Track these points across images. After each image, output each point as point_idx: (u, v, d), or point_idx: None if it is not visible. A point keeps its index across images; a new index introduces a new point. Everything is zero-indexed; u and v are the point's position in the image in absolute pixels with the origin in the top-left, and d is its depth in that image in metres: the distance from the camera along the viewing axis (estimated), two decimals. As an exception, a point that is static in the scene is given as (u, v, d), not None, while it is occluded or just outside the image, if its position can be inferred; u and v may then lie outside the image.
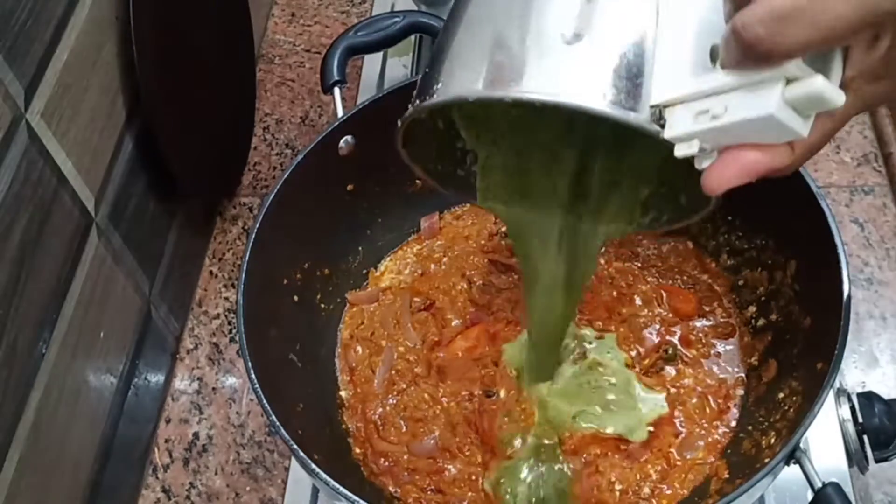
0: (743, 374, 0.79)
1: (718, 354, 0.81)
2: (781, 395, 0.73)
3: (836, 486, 0.61)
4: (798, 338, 0.75)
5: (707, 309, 0.83)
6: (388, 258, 0.92)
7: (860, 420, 0.78)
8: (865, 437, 0.78)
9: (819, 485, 0.61)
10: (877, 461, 0.78)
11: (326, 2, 1.29)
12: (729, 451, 0.75)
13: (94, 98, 0.82)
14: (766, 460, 0.64)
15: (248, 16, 1.11)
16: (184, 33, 0.96)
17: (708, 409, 0.78)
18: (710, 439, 0.76)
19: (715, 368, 0.80)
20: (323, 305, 0.86)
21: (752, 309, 0.81)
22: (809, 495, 0.63)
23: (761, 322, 0.80)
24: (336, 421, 0.81)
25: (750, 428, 0.75)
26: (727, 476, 0.73)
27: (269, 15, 1.28)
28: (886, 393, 0.81)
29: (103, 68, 0.83)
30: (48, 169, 0.74)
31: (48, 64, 0.75)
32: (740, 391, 0.78)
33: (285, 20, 1.28)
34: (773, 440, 0.70)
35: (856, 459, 0.78)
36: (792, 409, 0.70)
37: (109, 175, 0.85)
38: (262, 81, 1.19)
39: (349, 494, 0.63)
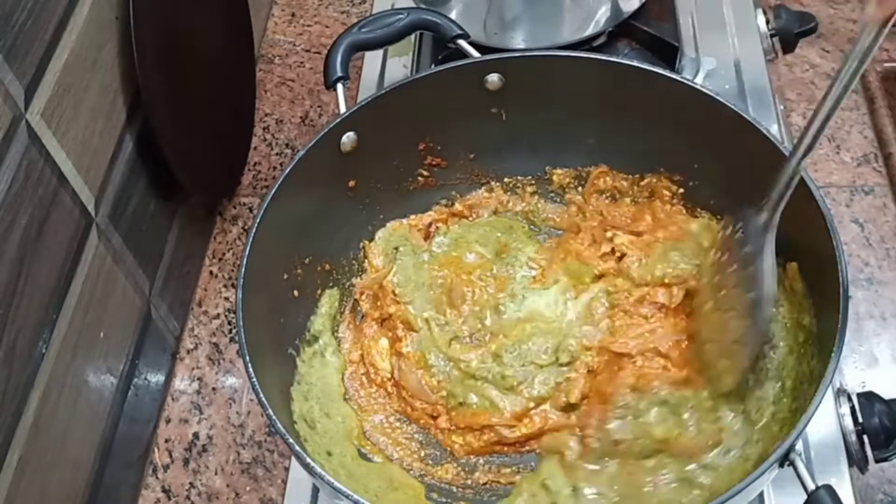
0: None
1: None
2: (780, 395, 0.73)
3: (829, 489, 0.60)
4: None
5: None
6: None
7: (860, 420, 0.78)
8: (865, 437, 0.78)
9: (812, 487, 0.61)
10: (877, 461, 0.78)
11: (326, 2, 1.29)
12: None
13: (94, 98, 0.82)
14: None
15: (248, 16, 1.11)
16: (184, 33, 0.96)
17: None
18: None
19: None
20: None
21: (752, 309, 0.81)
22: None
23: (761, 322, 0.80)
24: (336, 421, 0.82)
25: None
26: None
27: (269, 15, 1.28)
28: (886, 393, 0.81)
29: (103, 68, 0.83)
30: (48, 169, 0.74)
31: (48, 64, 0.75)
32: None
33: (285, 20, 1.28)
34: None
35: (856, 459, 0.78)
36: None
37: (109, 175, 0.85)
38: (262, 81, 1.19)
39: (349, 493, 0.63)
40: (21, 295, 0.70)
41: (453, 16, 1.00)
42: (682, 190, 0.87)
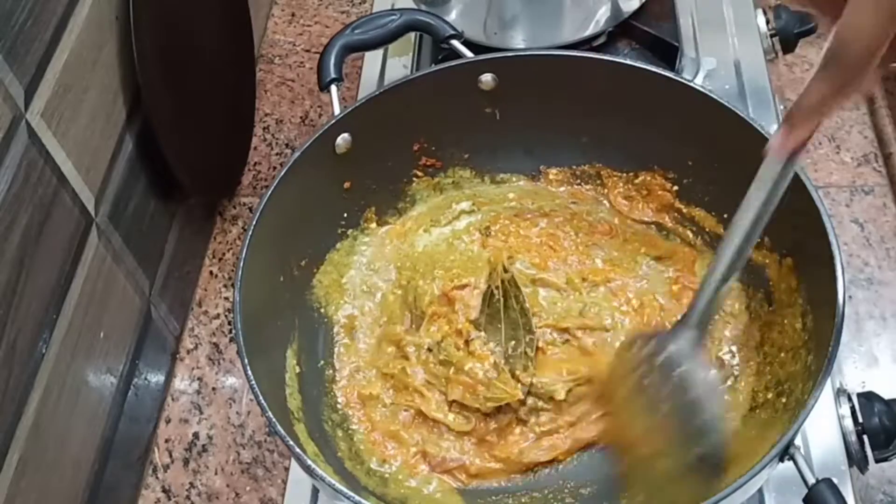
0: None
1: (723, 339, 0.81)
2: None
3: (830, 482, 0.61)
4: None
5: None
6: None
7: (860, 420, 0.79)
8: (865, 437, 0.78)
9: (812, 481, 0.61)
10: (877, 461, 0.78)
11: (326, 2, 1.29)
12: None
13: (94, 98, 0.82)
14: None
15: (248, 16, 1.11)
16: (184, 33, 0.96)
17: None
18: None
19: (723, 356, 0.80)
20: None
21: (752, 308, 0.82)
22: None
23: (760, 321, 0.80)
24: (336, 420, 0.82)
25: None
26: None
27: (269, 15, 1.28)
28: (886, 393, 0.81)
29: (103, 68, 0.83)
30: (48, 169, 0.74)
31: (48, 64, 0.75)
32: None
33: (285, 20, 1.28)
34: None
35: (856, 459, 0.78)
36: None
37: (109, 175, 0.85)
38: (262, 81, 1.19)
39: (349, 493, 0.63)
40: (21, 295, 0.70)
41: (453, 16, 1.00)
42: (676, 187, 0.87)
